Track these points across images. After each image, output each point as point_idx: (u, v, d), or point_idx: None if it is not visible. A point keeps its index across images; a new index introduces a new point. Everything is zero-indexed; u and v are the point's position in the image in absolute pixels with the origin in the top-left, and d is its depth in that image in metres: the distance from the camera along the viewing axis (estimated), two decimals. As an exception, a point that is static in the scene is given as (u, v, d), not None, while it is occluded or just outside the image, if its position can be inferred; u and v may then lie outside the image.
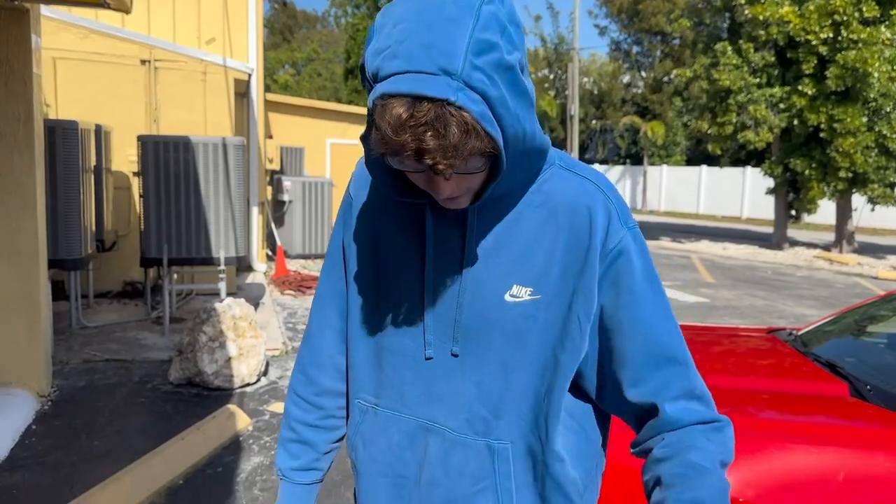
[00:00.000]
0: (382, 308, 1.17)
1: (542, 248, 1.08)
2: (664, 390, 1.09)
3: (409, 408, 1.14)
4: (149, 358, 5.74)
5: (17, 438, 4.11)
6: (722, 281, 11.90)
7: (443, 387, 1.12)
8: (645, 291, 1.09)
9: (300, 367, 1.32)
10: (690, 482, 1.05)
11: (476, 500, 1.12)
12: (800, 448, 2.09)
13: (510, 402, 1.10)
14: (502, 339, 1.09)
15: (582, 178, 1.10)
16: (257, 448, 4.17)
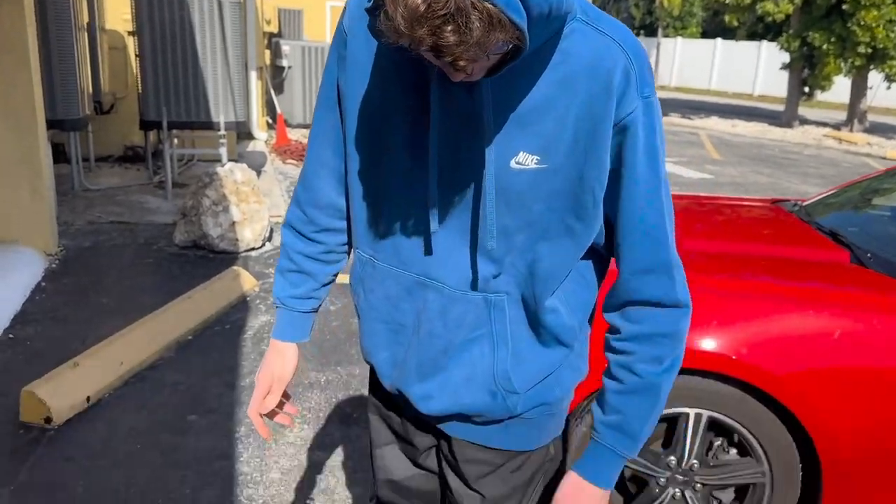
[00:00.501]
0: (380, 161, 1.12)
1: (553, 115, 1.01)
2: (633, 262, 1.10)
3: (406, 265, 1.13)
4: (153, 221, 5.78)
5: (27, 294, 4.20)
6: (728, 158, 11.77)
7: (441, 247, 1.10)
8: (641, 169, 1.04)
9: (298, 206, 1.30)
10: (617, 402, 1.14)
11: (471, 347, 1.13)
12: (796, 310, 2.13)
13: (509, 261, 1.09)
14: (505, 207, 1.05)
15: (605, 37, 1.00)
16: (264, 308, 4.27)
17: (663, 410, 2.18)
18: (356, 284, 1.24)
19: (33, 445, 2.81)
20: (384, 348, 1.20)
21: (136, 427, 2.98)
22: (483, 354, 1.13)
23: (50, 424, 2.91)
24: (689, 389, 2.15)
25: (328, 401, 3.28)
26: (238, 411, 3.14)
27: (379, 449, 1.38)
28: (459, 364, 1.14)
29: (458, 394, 1.15)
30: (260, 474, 2.72)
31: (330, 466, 2.81)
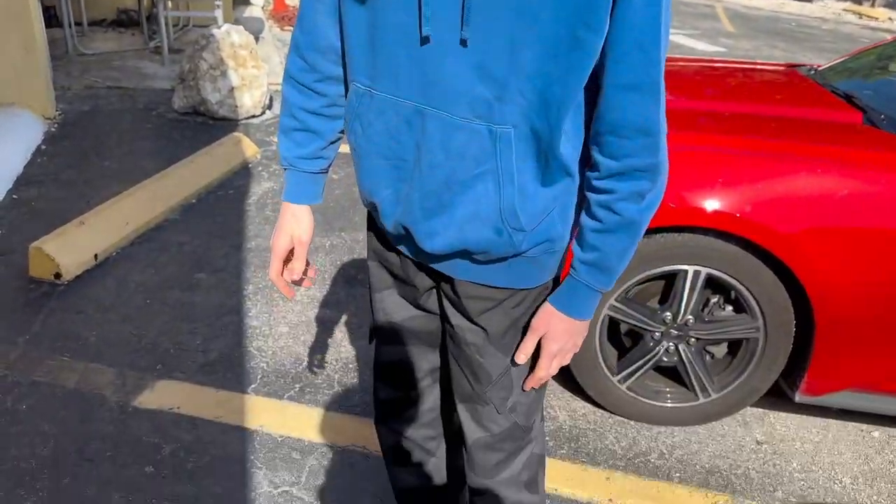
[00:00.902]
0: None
1: None
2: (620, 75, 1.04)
3: (405, 91, 1.09)
4: (151, 86, 5.65)
5: (28, 157, 4.18)
6: (743, 31, 11.35)
7: (440, 70, 1.05)
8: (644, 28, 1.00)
9: (297, 52, 1.24)
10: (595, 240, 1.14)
11: (475, 184, 1.10)
12: (803, 168, 2.11)
13: (515, 85, 1.04)
14: (512, 14, 0.99)
15: None
16: (267, 175, 4.26)
17: (662, 268, 2.21)
18: (353, 121, 1.19)
19: (44, 299, 2.88)
20: (386, 185, 1.17)
21: (145, 283, 3.04)
22: (488, 192, 1.11)
23: (59, 280, 2.97)
24: (689, 247, 2.17)
25: (333, 263, 3.33)
26: (245, 271, 3.19)
27: (378, 293, 1.39)
28: (464, 201, 1.12)
29: (463, 230, 1.14)
30: (269, 328, 2.81)
31: (336, 322, 2.89)
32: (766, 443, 2.38)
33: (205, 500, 2.01)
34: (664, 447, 2.33)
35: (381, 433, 1.56)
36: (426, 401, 1.48)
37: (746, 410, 2.51)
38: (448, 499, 1.61)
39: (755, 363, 2.29)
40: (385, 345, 1.45)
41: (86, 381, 2.44)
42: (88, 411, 2.31)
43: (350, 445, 2.23)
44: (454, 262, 1.21)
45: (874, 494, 2.20)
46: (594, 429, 2.39)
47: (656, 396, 2.41)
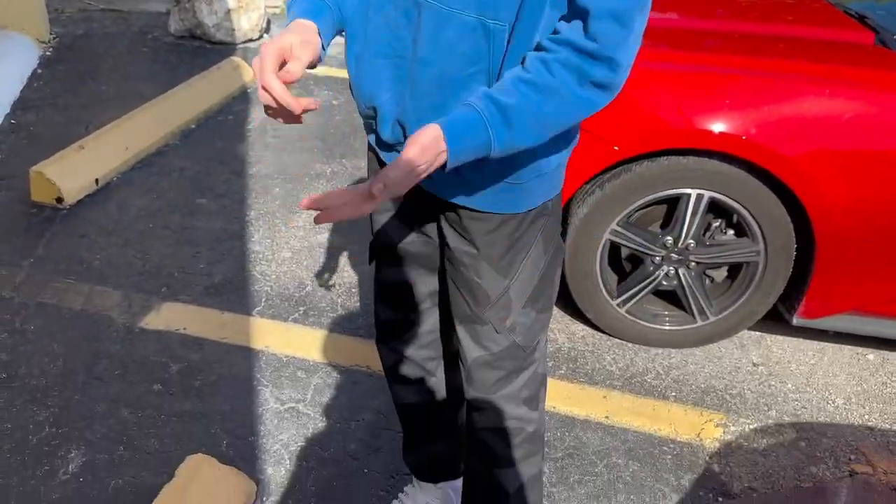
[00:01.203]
0: None
1: None
2: None
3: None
4: (145, 9, 5.51)
5: (24, 81, 4.11)
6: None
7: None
8: None
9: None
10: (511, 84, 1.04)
11: (469, 84, 1.09)
12: (810, 89, 2.08)
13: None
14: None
15: None
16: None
17: (666, 192, 2.20)
18: (353, 23, 1.16)
19: (47, 223, 2.89)
20: (386, 88, 1.15)
21: (147, 208, 3.04)
22: None
23: (61, 204, 2.97)
24: (693, 170, 2.15)
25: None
26: (247, 197, 3.19)
27: (377, 215, 1.40)
28: (455, 104, 1.09)
29: None
30: (271, 253, 2.82)
31: (338, 248, 2.90)
32: (762, 364, 2.43)
33: (213, 416, 2.07)
34: (661, 368, 2.38)
35: (383, 353, 1.59)
36: (425, 323, 1.51)
37: (744, 333, 2.54)
38: (448, 414, 1.65)
39: (754, 287, 2.31)
40: (384, 267, 1.46)
41: (92, 303, 2.47)
42: (95, 332, 2.34)
43: (353, 365, 2.28)
44: (445, 179, 1.19)
45: (866, 414, 2.25)
46: (592, 350, 2.44)
47: (655, 319, 2.44)
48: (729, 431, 2.15)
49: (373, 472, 1.94)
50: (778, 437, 2.15)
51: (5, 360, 2.21)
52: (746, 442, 2.12)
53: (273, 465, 1.93)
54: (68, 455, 1.92)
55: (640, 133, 2.14)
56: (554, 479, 1.95)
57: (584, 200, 2.27)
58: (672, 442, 2.10)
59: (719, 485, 1.97)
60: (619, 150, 2.15)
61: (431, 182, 1.21)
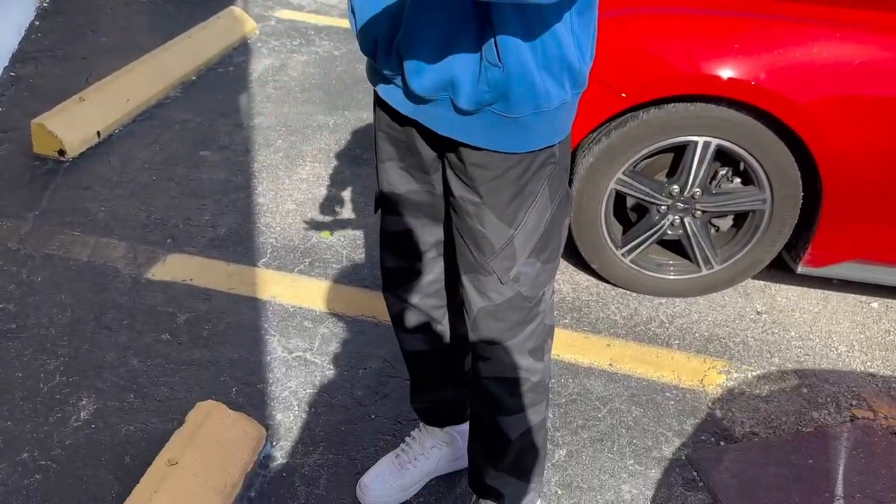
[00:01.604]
0: None
1: None
2: None
3: None
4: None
5: (22, 33, 4.05)
6: None
7: None
8: None
9: None
10: None
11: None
12: (821, 33, 2.04)
13: None
14: None
15: None
16: (266, 51, 4.14)
17: (673, 139, 2.18)
18: None
19: (50, 176, 2.88)
20: (384, 19, 1.15)
21: (150, 160, 3.03)
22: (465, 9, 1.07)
23: (63, 157, 2.96)
24: (700, 117, 2.13)
25: (337, 142, 3.30)
26: (250, 149, 3.17)
27: (382, 164, 1.39)
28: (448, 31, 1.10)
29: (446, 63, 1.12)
30: (275, 205, 2.82)
31: (343, 200, 2.90)
32: (765, 313, 2.44)
33: (222, 364, 2.09)
34: (664, 316, 2.39)
35: (389, 301, 1.60)
36: (431, 272, 1.51)
37: (748, 282, 2.55)
38: (454, 360, 1.67)
39: (760, 235, 2.31)
40: (389, 215, 1.46)
41: (98, 255, 2.48)
42: (103, 283, 2.36)
43: (360, 315, 2.29)
44: (442, 114, 1.19)
45: (868, 361, 2.27)
46: (596, 300, 2.45)
47: (659, 269, 2.45)
48: (731, 378, 2.17)
49: (380, 417, 1.97)
50: (780, 383, 2.17)
51: (13, 310, 2.23)
52: (748, 388, 2.14)
53: (282, 412, 1.96)
54: (79, 403, 1.95)
55: (648, 79, 2.11)
56: (558, 423, 1.98)
57: (590, 149, 2.26)
58: (675, 388, 2.12)
59: (721, 429, 2.00)
60: (626, 98, 2.13)
61: (429, 117, 1.21)
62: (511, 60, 1.10)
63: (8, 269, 2.39)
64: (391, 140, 1.35)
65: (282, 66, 3.96)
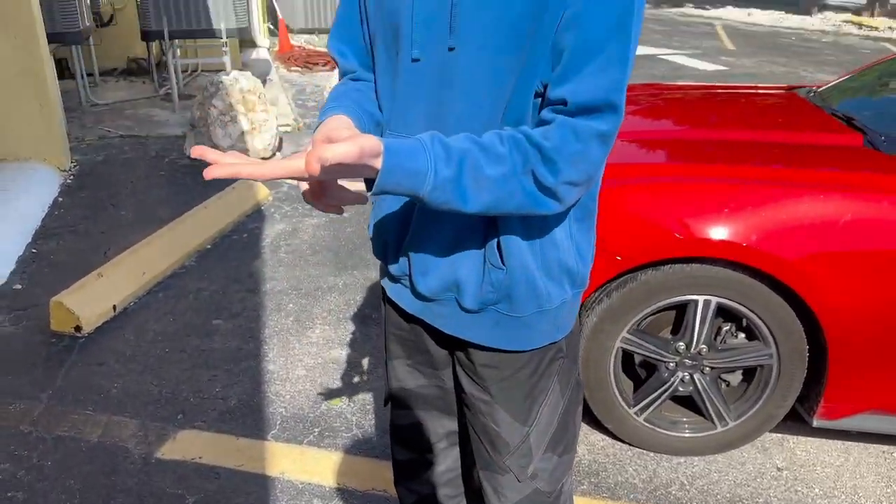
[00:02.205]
0: (384, 23, 1.13)
1: None
2: (579, 92, 1.02)
3: (409, 127, 1.13)
4: (163, 134, 5.76)
5: (46, 210, 4.27)
6: (743, 49, 11.42)
7: (434, 100, 1.10)
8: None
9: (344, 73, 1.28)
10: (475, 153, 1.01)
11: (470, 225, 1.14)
12: (805, 194, 2.14)
13: (496, 113, 1.07)
14: (496, 38, 1.03)
15: None
16: (279, 216, 4.32)
17: (673, 299, 2.23)
18: None
19: (66, 353, 2.93)
20: (398, 220, 1.21)
21: (164, 332, 3.09)
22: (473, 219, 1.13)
23: (80, 333, 3.02)
24: (698, 276, 2.19)
25: (347, 303, 3.37)
26: (261, 315, 3.24)
27: (391, 362, 1.42)
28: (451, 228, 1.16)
29: (452, 263, 1.17)
30: (286, 372, 2.84)
31: (352, 363, 2.92)
32: (786, 469, 2.38)
33: (230, 549, 2.03)
34: (685, 478, 2.33)
35: (401, 494, 1.56)
36: (443, 462, 1.49)
37: (765, 436, 2.50)
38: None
39: (770, 390, 2.30)
40: (399, 409, 1.46)
41: (109, 434, 2.48)
42: (112, 465, 2.34)
43: (370, 489, 2.25)
44: (447, 312, 1.22)
45: (898, 518, 2.19)
46: (614, 462, 2.40)
47: (674, 427, 2.41)
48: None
49: None
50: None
51: (22, 498, 2.20)
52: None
53: None
54: None
55: (642, 243, 2.19)
56: None
57: (593, 309, 2.30)
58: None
59: None
60: (621, 261, 2.20)
61: (435, 316, 1.24)
62: (514, 263, 1.14)
63: (19, 453, 2.39)
64: (399, 340, 1.38)
65: (293, 231, 4.12)
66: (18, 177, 4.45)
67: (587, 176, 1.06)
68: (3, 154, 4.74)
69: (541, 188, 1.03)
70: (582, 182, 1.06)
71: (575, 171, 1.04)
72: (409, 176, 0.96)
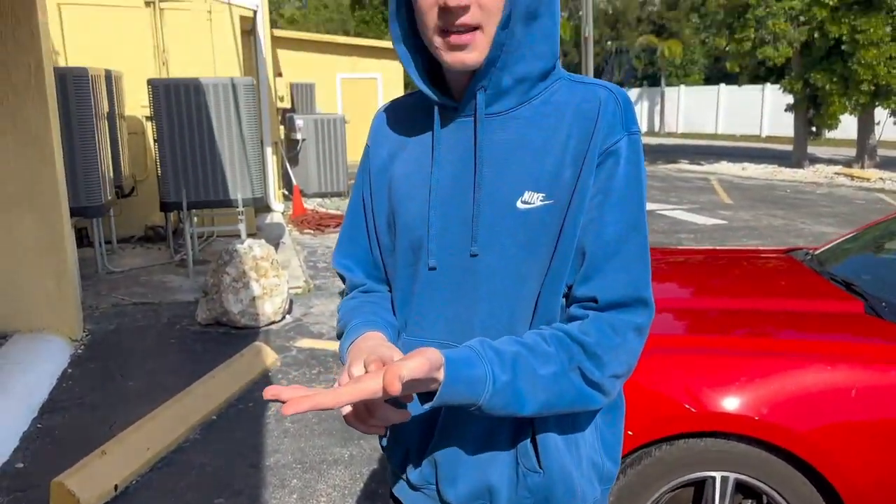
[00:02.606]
0: (400, 237, 1.18)
1: (552, 153, 1.08)
2: (607, 290, 1.07)
3: (427, 330, 1.15)
4: (176, 300, 5.87)
5: (54, 382, 4.27)
6: (740, 202, 11.79)
7: (455, 304, 1.13)
8: (621, 197, 1.07)
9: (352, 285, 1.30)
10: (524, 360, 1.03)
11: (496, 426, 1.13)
12: (813, 366, 2.13)
13: (521, 315, 1.10)
14: (516, 248, 1.09)
15: (591, 85, 1.11)
16: (286, 382, 4.30)
17: (690, 475, 2.16)
18: None
19: (63, 537, 2.82)
20: (418, 425, 1.19)
21: (164, 513, 2.99)
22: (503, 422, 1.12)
23: (79, 515, 2.92)
24: (712, 452, 2.14)
25: (353, 477, 3.28)
26: (263, 493, 3.14)
27: None
28: (482, 432, 1.14)
29: (483, 470, 1.14)
30: (288, 557, 2.71)
31: (358, 545, 2.79)
32: None
33: None
34: None
35: None
36: None
37: None
38: None
39: (800, 572, 2.17)
40: None
41: None
42: None
43: None
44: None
45: None
46: None
47: None
48: None
49: None
50: None
51: None
52: None
53: None
54: None
55: (653, 418, 2.16)
56: None
57: (625, 472, 2.23)
58: None
59: None
60: (633, 436, 2.16)
61: None
62: (552, 464, 1.12)
63: None
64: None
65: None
66: (30, 348, 4.49)
67: (629, 367, 1.09)
68: (18, 325, 4.82)
69: (589, 383, 1.06)
70: (625, 374, 1.09)
71: (618, 364, 1.07)
72: (469, 385, 0.98)
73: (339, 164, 11.54)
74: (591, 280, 1.08)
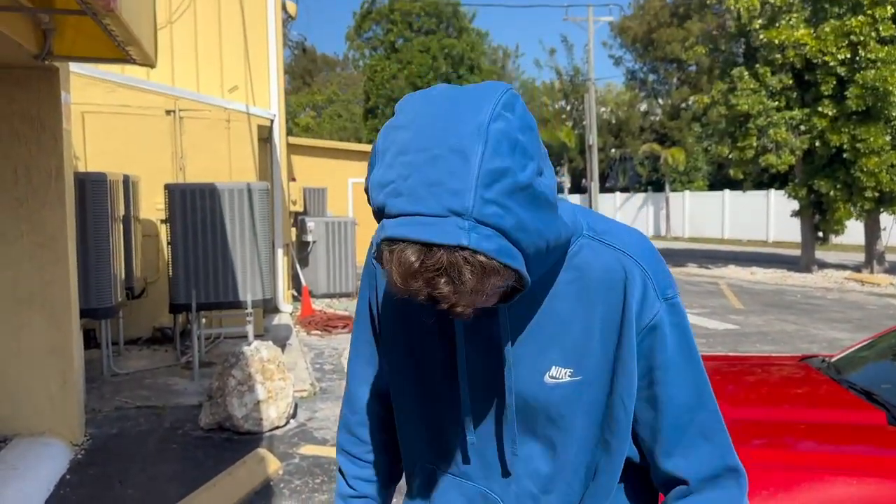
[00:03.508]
0: (423, 379, 1.15)
1: (578, 326, 1.04)
2: (694, 468, 1.08)
3: (467, 475, 1.14)
4: (179, 403, 5.78)
5: (51, 489, 4.14)
6: (751, 307, 11.73)
7: (495, 463, 1.11)
8: (678, 367, 1.06)
9: (347, 428, 1.31)
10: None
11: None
12: (839, 479, 2.05)
13: (559, 478, 1.09)
14: (546, 421, 1.07)
15: (614, 250, 1.05)
16: (288, 492, 4.16)
17: None
18: (415, 497, 1.21)
19: None
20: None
21: None
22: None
23: None
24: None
25: None
26: None
27: None
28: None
29: None
30: None
31: None
32: None
33: None
34: None
35: None
36: None
37: None
38: None
39: None
40: None
41: None
42: None
43: None
44: None
45: None
46: None
47: None
48: None
49: None
50: None
51: None
52: None
53: None
54: None
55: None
56: None
57: None
58: None
59: None
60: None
61: None
62: None
63: None
64: None
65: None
66: (29, 453, 4.39)
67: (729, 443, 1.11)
68: (18, 428, 4.73)
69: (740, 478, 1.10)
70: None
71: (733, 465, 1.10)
72: None
73: (349, 266, 11.64)
74: (673, 455, 1.07)
